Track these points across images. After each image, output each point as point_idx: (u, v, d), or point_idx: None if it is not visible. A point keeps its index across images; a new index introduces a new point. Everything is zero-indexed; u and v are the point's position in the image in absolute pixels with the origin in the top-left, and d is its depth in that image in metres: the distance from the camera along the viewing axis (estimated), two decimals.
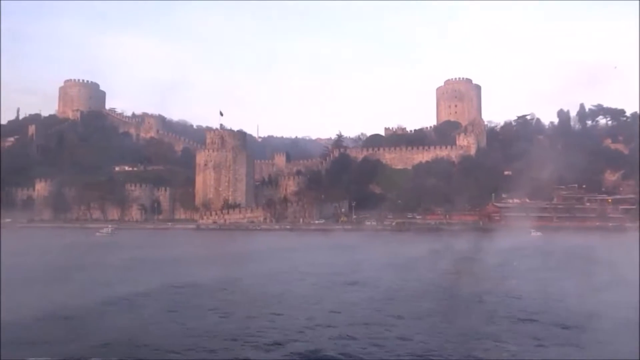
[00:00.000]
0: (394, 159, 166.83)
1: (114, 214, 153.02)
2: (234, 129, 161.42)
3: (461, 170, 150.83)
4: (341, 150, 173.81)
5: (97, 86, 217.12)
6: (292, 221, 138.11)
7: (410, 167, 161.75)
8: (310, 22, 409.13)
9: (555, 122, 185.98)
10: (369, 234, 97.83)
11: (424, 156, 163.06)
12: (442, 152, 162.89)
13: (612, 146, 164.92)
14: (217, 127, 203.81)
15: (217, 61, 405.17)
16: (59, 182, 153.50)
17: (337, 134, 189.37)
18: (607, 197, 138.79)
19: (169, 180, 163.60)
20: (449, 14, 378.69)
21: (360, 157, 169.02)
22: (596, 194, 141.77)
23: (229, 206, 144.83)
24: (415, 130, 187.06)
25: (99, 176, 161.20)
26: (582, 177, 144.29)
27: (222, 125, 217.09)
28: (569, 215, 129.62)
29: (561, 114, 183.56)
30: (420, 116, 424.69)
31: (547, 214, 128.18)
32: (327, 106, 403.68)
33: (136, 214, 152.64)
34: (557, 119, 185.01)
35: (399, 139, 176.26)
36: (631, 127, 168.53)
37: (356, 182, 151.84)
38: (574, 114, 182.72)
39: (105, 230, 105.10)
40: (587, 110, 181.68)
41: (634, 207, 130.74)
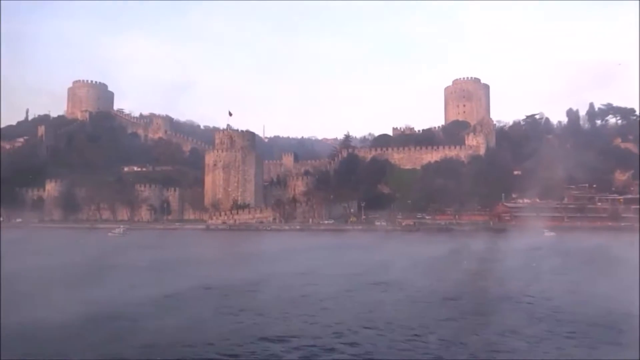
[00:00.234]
0: (403, 159, 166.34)
1: (123, 214, 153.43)
2: (241, 129, 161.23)
3: (471, 170, 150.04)
4: (349, 150, 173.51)
5: (106, 87, 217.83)
6: (301, 221, 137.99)
7: (419, 167, 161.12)
8: (317, 22, 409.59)
9: (563, 122, 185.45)
10: (382, 234, 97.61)
11: (432, 156, 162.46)
12: (451, 152, 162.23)
13: (622, 145, 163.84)
14: (224, 128, 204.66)
15: (224, 62, 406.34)
16: (68, 183, 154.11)
17: (345, 134, 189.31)
18: (619, 197, 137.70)
19: (177, 180, 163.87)
20: (457, 13, 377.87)
21: (368, 157, 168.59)
22: (607, 194, 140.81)
23: (238, 206, 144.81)
24: (423, 130, 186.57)
25: (108, 176, 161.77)
26: (592, 177, 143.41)
27: (229, 125, 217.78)
28: (580, 215, 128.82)
29: (570, 113, 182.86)
30: (428, 116, 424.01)
31: (558, 214, 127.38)
32: (333, 106, 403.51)
33: (145, 214, 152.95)
34: (566, 119, 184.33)
35: (407, 139, 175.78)
36: None
37: (365, 182, 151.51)
38: (583, 113, 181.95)
39: (117, 230, 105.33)
40: (596, 109, 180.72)
41: None
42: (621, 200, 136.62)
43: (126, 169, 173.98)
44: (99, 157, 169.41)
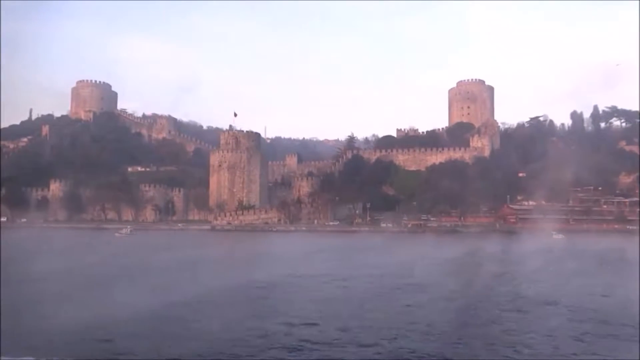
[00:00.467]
0: (407, 160, 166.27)
1: (127, 214, 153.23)
2: (243, 129, 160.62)
3: (475, 172, 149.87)
4: (354, 151, 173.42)
5: (109, 87, 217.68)
6: (306, 223, 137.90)
7: (423, 169, 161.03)
8: (320, 23, 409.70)
9: (567, 124, 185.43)
10: (390, 235, 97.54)
11: (437, 158, 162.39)
12: (456, 154, 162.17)
13: (627, 148, 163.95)
14: (227, 128, 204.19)
15: (227, 62, 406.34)
16: (73, 183, 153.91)
17: (349, 135, 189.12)
18: (624, 200, 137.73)
19: (182, 181, 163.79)
20: (461, 15, 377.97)
21: (373, 158, 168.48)
22: (612, 197, 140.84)
23: (243, 207, 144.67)
24: (427, 131, 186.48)
25: (112, 177, 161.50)
26: (597, 179, 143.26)
27: (231, 126, 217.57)
28: (586, 217, 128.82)
29: (574, 115, 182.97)
30: (432, 117, 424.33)
31: (564, 217, 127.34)
32: (334, 107, 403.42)
33: (150, 214, 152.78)
34: (570, 121, 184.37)
35: (411, 141, 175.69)
36: None
37: (369, 183, 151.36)
38: (587, 115, 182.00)
39: (124, 231, 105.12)
40: (600, 112, 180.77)
41: None
42: (627, 202, 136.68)
43: (130, 169, 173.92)
44: (103, 157, 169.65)
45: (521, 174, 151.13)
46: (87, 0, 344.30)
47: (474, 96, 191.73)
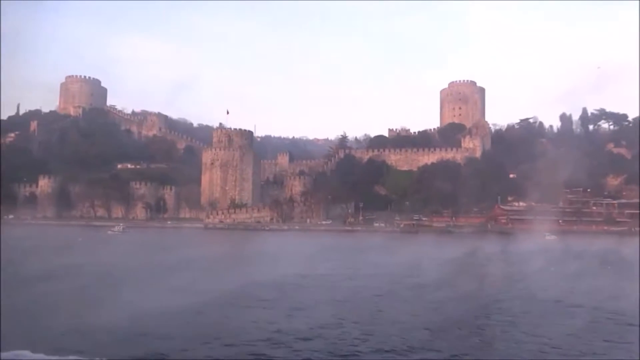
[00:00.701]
0: (399, 160, 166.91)
1: (118, 212, 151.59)
2: (234, 127, 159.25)
3: (467, 172, 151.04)
4: (346, 151, 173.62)
5: (99, 82, 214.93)
6: (298, 222, 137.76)
7: (415, 169, 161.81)
8: (310, 23, 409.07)
9: (555, 126, 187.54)
10: (386, 235, 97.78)
11: (429, 158, 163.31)
12: (448, 154, 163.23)
13: (614, 150, 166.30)
14: (218, 126, 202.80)
15: (218, 61, 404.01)
16: (62, 179, 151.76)
17: (341, 135, 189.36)
18: (613, 201, 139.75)
19: (172, 178, 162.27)
20: (453, 17, 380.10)
21: (365, 158, 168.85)
22: (601, 198, 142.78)
23: (235, 206, 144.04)
24: (419, 131, 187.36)
25: (102, 173, 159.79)
26: (586, 181, 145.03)
27: (221, 124, 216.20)
28: (576, 218, 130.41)
29: (564, 117, 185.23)
30: (423, 118, 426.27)
31: (554, 217, 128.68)
32: (324, 107, 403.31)
33: (141, 212, 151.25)
34: (559, 123, 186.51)
35: (403, 141, 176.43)
36: (634, 132, 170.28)
37: (362, 183, 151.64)
38: (576, 117, 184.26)
39: (116, 228, 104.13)
40: (589, 114, 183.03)
41: (638, 211, 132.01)
42: (615, 204, 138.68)
43: (120, 166, 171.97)
44: (93, 154, 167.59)
45: (512, 175, 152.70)
46: None
47: (465, 97, 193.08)
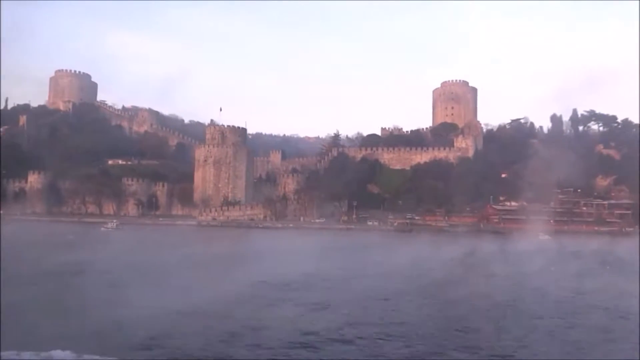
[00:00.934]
0: (392, 159, 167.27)
1: (109, 208, 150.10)
2: (226, 124, 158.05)
3: (460, 172, 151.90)
4: (339, 149, 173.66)
5: (89, 77, 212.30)
6: (292, 219, 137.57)
7: (408, 168, 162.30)
8: (303, 22, 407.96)
9: (545, 127, 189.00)
10: (382, 234, 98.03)
11: (422, 157, 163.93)
12: (441, 154, 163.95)
13: (604, 152, 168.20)
14: (209, 123, 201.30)
15: (208, 58, 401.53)
16: (52, 175, 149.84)
17: (334, 133, 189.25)
18: (603, 202, 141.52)
19: (164, 175, 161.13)
20: (445, 16, 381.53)
21: (358, 156, 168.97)
22: (592, 199, 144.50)
23: (228, 203, 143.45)
24: (411, 131, 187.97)
25: (92, 169, 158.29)
26: (576, 182, 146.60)
27: (212, 120, 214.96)
28: (567, 219, 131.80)
29: (554, 118, 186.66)
30: (415, 117, 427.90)
31: (545, 217, 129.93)
32: (316, 105, 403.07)
33: (132, 208, 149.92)
34: (549, 124, 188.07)
35: (395, 140, 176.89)
36: (623, 133, 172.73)
37: (355, 181, 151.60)
38: (566, 118, 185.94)
39: (110, 225, 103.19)
40: (579, 115, 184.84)
41: (628, 212, 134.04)
42: (605, 204, 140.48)
43: (111, 162, 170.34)
44: (83, 149, 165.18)
45: (503, 175, 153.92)
46: None
47: (457, 97, 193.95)
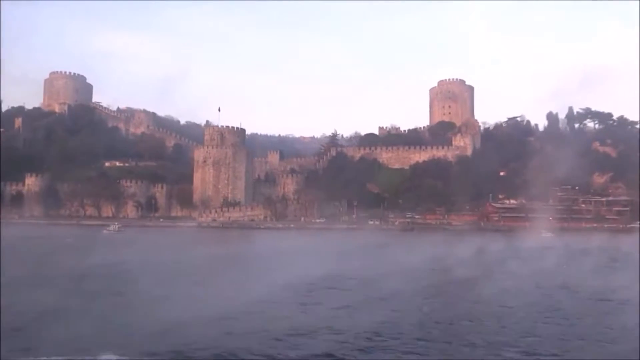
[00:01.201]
0: (391, 158, 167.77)
1: (107, 210, 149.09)
2: (225, 125, 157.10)
3: (459, 170, 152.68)
4: (337, 149, 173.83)
5: (84, 79, 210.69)
6: (292, 220, 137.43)
7: (407, 167, 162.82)
8: (300, 21, 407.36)
9: (541, 124, 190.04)
10: (388, 233, 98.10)
11: (420, 156, 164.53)
12: (439, 153, 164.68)
13: (600, 149, 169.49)
14: (205, 124, 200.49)
15: (203, 58, 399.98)
16: (49, 177, 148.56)
17: (332, 133, 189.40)
18: (602, 199, 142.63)
19: (163, 176, 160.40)
20: (442, 15, 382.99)
21: (357, 156, 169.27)
22: (590, 196, 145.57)
23: (228, 204, 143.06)
24: (409, 130, 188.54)
25: (89, 171, 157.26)
26: (573, 179, 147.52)
27: (208, 121, 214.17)
28: (566, 216, 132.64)
29: (550, 116, 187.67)
30: (412, 116, 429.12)
31: (545, 215, 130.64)
32: (311, 105, 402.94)
33: (131, 210, 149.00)
34: (545, 122, 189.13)
35: (394, 139, 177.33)
36: (619, 131, 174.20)
37: (354, 181, 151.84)
38: (562, 116, 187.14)
39: (112, 227, 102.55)
40: (575, 113, 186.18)
41: (627, 208, 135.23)
42: (604, 202, 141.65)
43: (108, 164, 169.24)
44: (80, 151, 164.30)
45: (502, 173, 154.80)
46: None
47: (454, 95, 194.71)
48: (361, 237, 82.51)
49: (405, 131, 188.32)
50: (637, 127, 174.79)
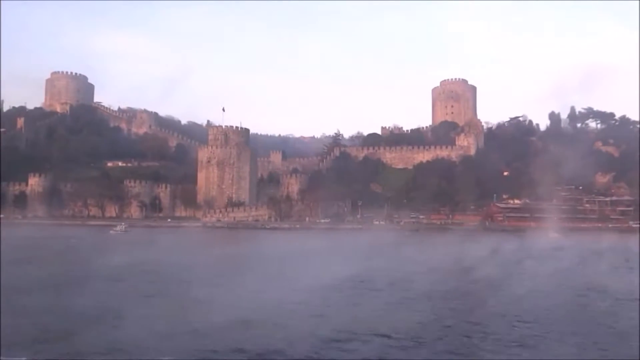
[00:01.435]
0: (395, 158, 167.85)
1: (111, 210, 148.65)
2: (229, 125, 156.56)
3: (463, 170, 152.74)
4: (341, 149, 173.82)
5: (86, 79, 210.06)
6: (297, 220, 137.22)
7: (411, 167, 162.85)
8: (301, 21, 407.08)
9: (543, 124, 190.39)
10: (395, 233, 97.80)
11: (424, 156, 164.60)
12: (443, 152, 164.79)
13: (603, 149, 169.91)
14: (206, 124, 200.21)
15: (204, 58, 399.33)
16: (52, 177, 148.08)
17: (335, 133, 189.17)
18: (606, 199, 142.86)
19: (166, 176, 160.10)
20: (444, 15, 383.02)
21: (360, 156, 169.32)
22: (593, 196, 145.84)
23: (232, 204, 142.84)
24: (412, 129, 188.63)
25: (92, 171, 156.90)
26: (576, 179, 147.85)
27: (208, 121, 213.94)
28: (571, 216, 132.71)
29: (552, 116, 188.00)
30: (415, 116, 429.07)
31: (549, 215, 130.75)
32: (312, 104, 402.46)
33: (135, 211, 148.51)
34: (547, 121, 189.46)
35: (397, 139, 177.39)
36: (621, 130, 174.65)
37: (358, 181, 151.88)
38: (564, 116, 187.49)
39: (119, 228, 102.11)
40: (577, 112, 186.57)
41: (630, 208, 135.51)
42: (608, 201, 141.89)
43: (110, 164, 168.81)
44: (82, 151, 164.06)
45: (506, 173, 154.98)
46: None
47: (457, 95, 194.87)
48: (371, 237, 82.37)
49: (407, 131, 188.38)
50: (638, 126, 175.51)
